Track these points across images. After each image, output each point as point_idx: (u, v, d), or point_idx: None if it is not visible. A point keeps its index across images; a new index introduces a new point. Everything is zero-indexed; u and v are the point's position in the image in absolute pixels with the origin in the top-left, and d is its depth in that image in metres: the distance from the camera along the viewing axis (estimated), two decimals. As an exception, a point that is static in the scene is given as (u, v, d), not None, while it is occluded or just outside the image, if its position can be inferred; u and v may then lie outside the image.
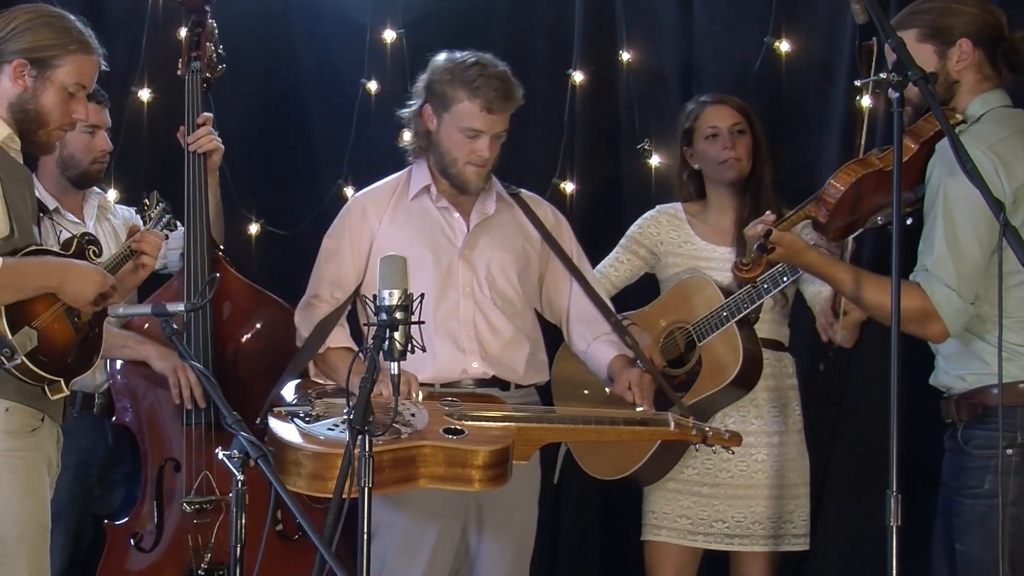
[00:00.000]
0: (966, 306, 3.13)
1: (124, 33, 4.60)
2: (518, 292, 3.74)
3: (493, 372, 3.66)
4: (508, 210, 3.81)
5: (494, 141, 3.66)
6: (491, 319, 3.68)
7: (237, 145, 4.58)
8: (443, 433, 3.29)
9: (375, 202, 3.76)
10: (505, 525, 3.66)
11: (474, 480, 3.27)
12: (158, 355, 3.90)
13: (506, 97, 3.62)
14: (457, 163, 3.66)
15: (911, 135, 3.24)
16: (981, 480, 3.13)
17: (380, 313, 2.92)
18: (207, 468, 3.87)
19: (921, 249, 3.21)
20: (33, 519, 3.17)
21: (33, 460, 3.18)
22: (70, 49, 3.20)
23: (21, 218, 3.14)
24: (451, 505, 3.57)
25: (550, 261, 3.85)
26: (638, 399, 3.56)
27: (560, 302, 3.87)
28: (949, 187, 3.10)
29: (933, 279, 3.13)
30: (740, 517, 3.94)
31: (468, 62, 3.63)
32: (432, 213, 3.73)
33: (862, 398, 4.23)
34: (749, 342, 3.88)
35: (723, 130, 4.01)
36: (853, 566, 4.34)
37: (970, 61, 3.25)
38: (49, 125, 3.22)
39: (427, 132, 3.71)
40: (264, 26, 4.80)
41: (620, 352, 3.73)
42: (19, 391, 3.11)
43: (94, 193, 4.14)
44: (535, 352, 3.77)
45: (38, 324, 3.09)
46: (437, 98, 3.66)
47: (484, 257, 3.71)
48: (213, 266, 3.97)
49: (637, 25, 4.73)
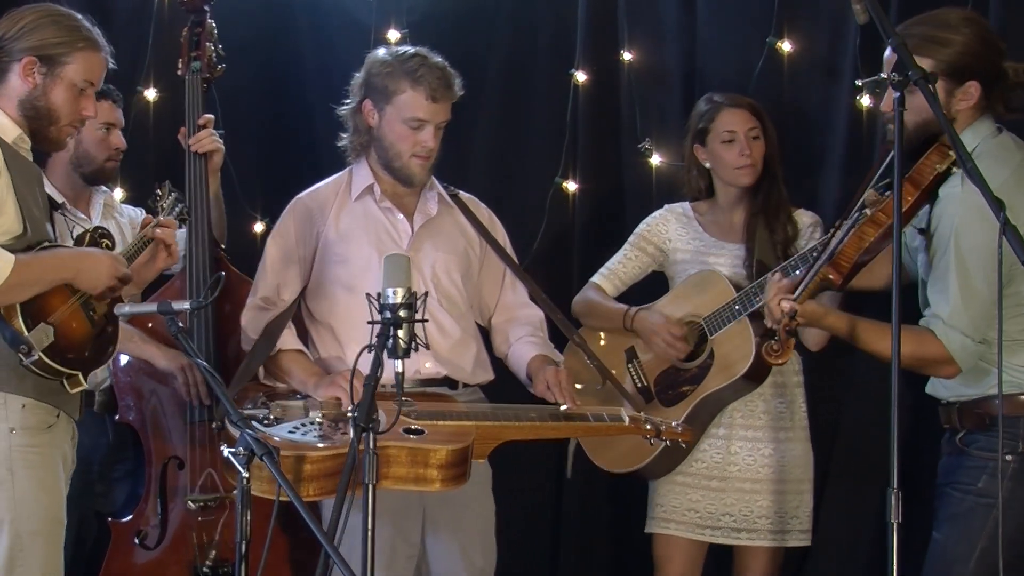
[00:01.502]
0: (978, 346, 3.20)
1: (130, 33, 4.61)
2: (462, 293, 3.75)
3: (445, 372, 3.66)
4: (449, 211, 3.81)
5: (437, 131, 3.65)
6: (439, 319, 3.67)
7: (242, 145, 4.61)
8: (404, 433, 3.28)
9: (319, 202, 3.75)
10: (456, 524, 3.64)
11: (435, 480, 3.26)
12: (162, 355, 3.93)
13: (448, 86, 3.63)
14: (402, 156, 3.66)
15: (910, 182, 3.22)
16: (976, 478, 3.18)
17: (384, 311, 2.93)
18: (211, 466, 3.89)
19: (932, 296, 3.25)
20: (49, 514, 3.20)
21: (49, 456, 3.21)
22: (78, 46, 3.22)
23: (34, 217, 3.17)
24: (407, 507, 3.55)
25: (485, 262, 3.86)
26: (558, 397, 3.55)
27: (489, 304, 3.88)
28: (962, 237, 3.13)
29: (949, 329, 3.18)
30: (747, 511, 3.96)
31: (409, 53, 3.65)
32: (376, 214, 3.72)
33: (863, 395, 4.23)
34: (761, 336, 3.89)
35: (740, 136, 4.01)
36: (854, 562, 4.34)
37: (974, 102, 3.26)
38: (60, 122, 3.24)
39: (368, 128, 3.70)
40: (269, 27, 4.82)
41: (539, 352, 3.74)
42: (37, 387, 3.15)
43: (100, 191, 4.16)
44: (480, 352, 3.78)
45: (54, 320, 3.12)
46: (378, 91, 3.65)
47: (429, 259, 3.71)
48: (215, 265, 3.99)
49: (639, 25, 4.74)
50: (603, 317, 4.10)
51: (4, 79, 3.20)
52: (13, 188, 3.10)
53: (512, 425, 3.50)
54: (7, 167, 3.09)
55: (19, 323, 3.06)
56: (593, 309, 4.12)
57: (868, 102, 4.25)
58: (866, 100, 4.25)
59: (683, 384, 3.95)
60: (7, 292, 3.02)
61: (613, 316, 4.08)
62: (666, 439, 3.61)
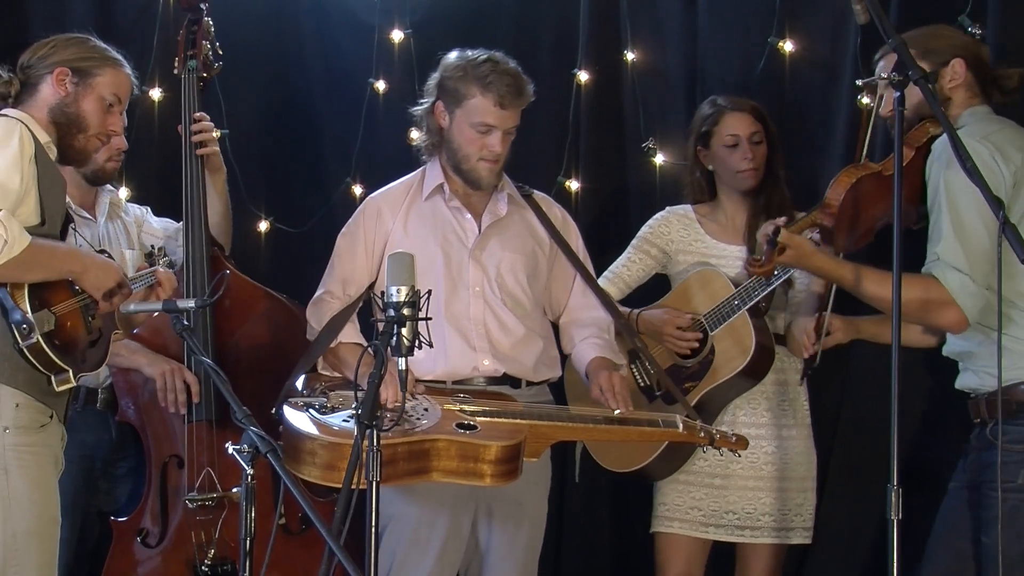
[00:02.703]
0: (980, 290, 3.15)
1: (135, 33, 4.62)
2: (527, 293, 3.78)
3: (504, 369, 3.70)
4: (519, 211, 3.85)
5: (506, 137, 3.69)
6: (501, 318, 3.71)
7: (247, 144, 4.63)
8: (456, 428, 3.33)
9: (389, 203, 3.81)
10: (514, 521, 3.69)
11: (486, 475, 3.32)
12: (148, 362, 3.93)
13: (518, 93, 3.67)
14: (470, 159, 3.70)
15: (906, 143, 3.26)
16: (1015, 474, 3.12)
17: (388, 309, 2.95)
18: (209, 465, 3.90)
19: (929, 242, 3.23)
20: (44, 513, 3.22)
21: (42, 455, 3.23)
22: (108, 62, 3.37)
23: (52, 215, 3.23)
24: (461, 500, 3.60)
25: (555, 263, 3.88)
26: (611, 403, 3.58)
27: (558, 305, 3.91)
28: (950, 180, 3.14)
29: (944, 265, 3.16)
30: (750, 509, 3.97)
31: (480, 59, 3.68)
32: (444, 213, 3.77)
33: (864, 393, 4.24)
34: (760, 331, 3.91)
35: (743, 140, 4.04)
36: (855, 559, 4.35)
37: (962, 81, 3.34)
38: (88, 130, 3.33)
39: (439, 129, 3.75)
40: (273, 26, 4.82)
41: (599, 354, 3.76)
42: (29, 382, 3.17)
43: (106, 191, 4.16)
44: (547, 349, 3.81)
45: (56, 310, 3.16)
46: (449, 94, 3.70)
47: (495, 258, 3.75)
48: (213, 263, 4.00)
49: (641, 25, 4.75)
50: None
51: (35, 91, 3.32)
52: (38, 181, 3.16)
53: (565, 426, 3.54)
54: (36, 160, 3.16)
55: (24, 303, 3.10)
56: None
57: (868, 101, 4.26)
58: (866, 100, 4.26)
59: (685, 381, 3.96)
60: (16, 268, 3.06)
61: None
62: (720, 448, 3.63)
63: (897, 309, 2.87)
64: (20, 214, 3.11)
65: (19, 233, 3.04)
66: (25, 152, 3.12)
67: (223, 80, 4.25)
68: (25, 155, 3.12)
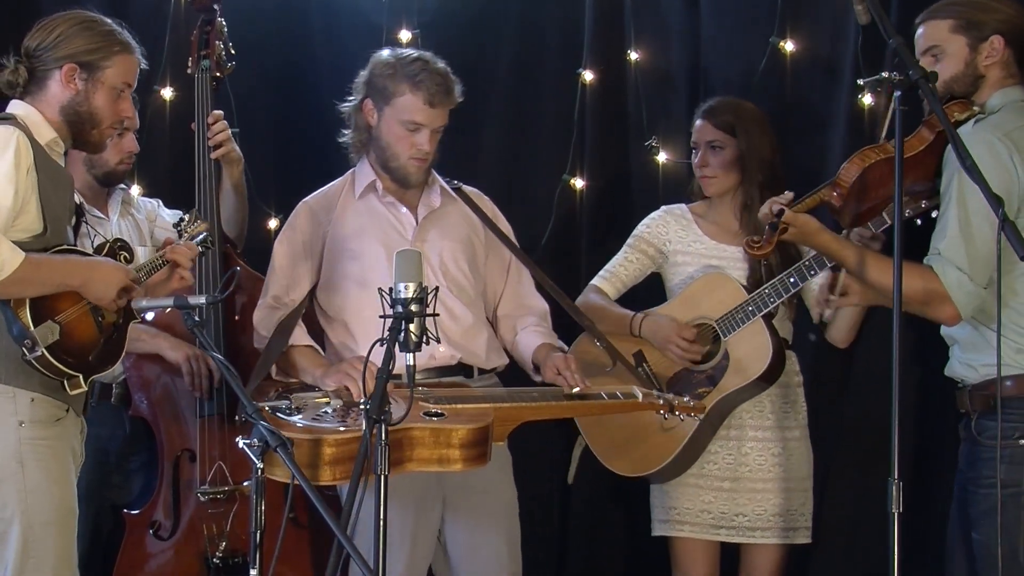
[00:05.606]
0: (978, 289, 3.17)
1: (147, 32, 4.58)
2: (470, 280, 3.79)
3: (459, 356, 3.71)
4: (452, 203, 3.85)
5: (434, 135, 3.70)
6: (449, 305, 3.70)
7: (257, 142, 4.64)
8: (424, 416, 3.34)
9: (323, 204, 3.82)
10: (480, 509, 3.68)
11: (457, 460, 3.32)
12: (170, 346, 3.96)
13: (447, 92, 3.68)
14: (399, 157, 3.71)
15: (927, 125, 3.28)
16: (996, 470, 3.14)
17: (396, 305, 2.97)
18: (221, 459, 3.93)
19: (935, 233, 3.25)
20: (61, 505, 3.23)
21: (59, 448, 3.25)
22: (115, 50, 3.31)
23: (56, 219, 3.21)
24: (427, 492, 3.60)
25: (490, 253, 3.90)
26: (570, 382, 3.58)
27: (494, 295, 3.91)
28: (963, 178, 3.12)
29: (945, 262, 3.17)
30: (760, 511, 3.98)
31: (411, 57, 3.70)
32: (379, 209, 3.78)
33: (866, 386, 4.26)
34: (775, 337, 3.90)
35: (701, 145, 4.08)
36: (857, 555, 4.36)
37: (999, 58, 3.31)
38: (102, 124, 3.32)
39: (367, 126, 3.77)
40: (282, 27, 4.85)
41: (544, 340, 3.77)
42: (43, 384, 3.19)
43: (118, 189, 4.18)
44: (492, 337, 3.82)
45: (61, 319, 3.15)
46: (378, 92, 3.71)
47: (436, 247, 3.76)
48: (225, 260, 4.03)
49: (645, 25, 4.77)
50: (607, 322, 4.06)
51: (44, 86, 3.28)
52: (38, 189, 3.15)
53: (529, 406, 3.54)
54: (36, 168, 3.14)
55: (26, 317, 3.09)
56: (597, 313, 4.07)
57: (869, 101, 4.30)
58: (868, 99, 4.30)
59: (698, 386, 3.94)
60: (11, 286, 3.05)
61: (618, 321, 4.08)
62: (679, 413, 3.63)
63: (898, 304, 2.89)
64: (19, 224, 3.11)
65: (10, 254, 3.03)
66: (21, 164, 3.09)
67: (233, 79, 4.28)
68: (21, 167, 3.09)
